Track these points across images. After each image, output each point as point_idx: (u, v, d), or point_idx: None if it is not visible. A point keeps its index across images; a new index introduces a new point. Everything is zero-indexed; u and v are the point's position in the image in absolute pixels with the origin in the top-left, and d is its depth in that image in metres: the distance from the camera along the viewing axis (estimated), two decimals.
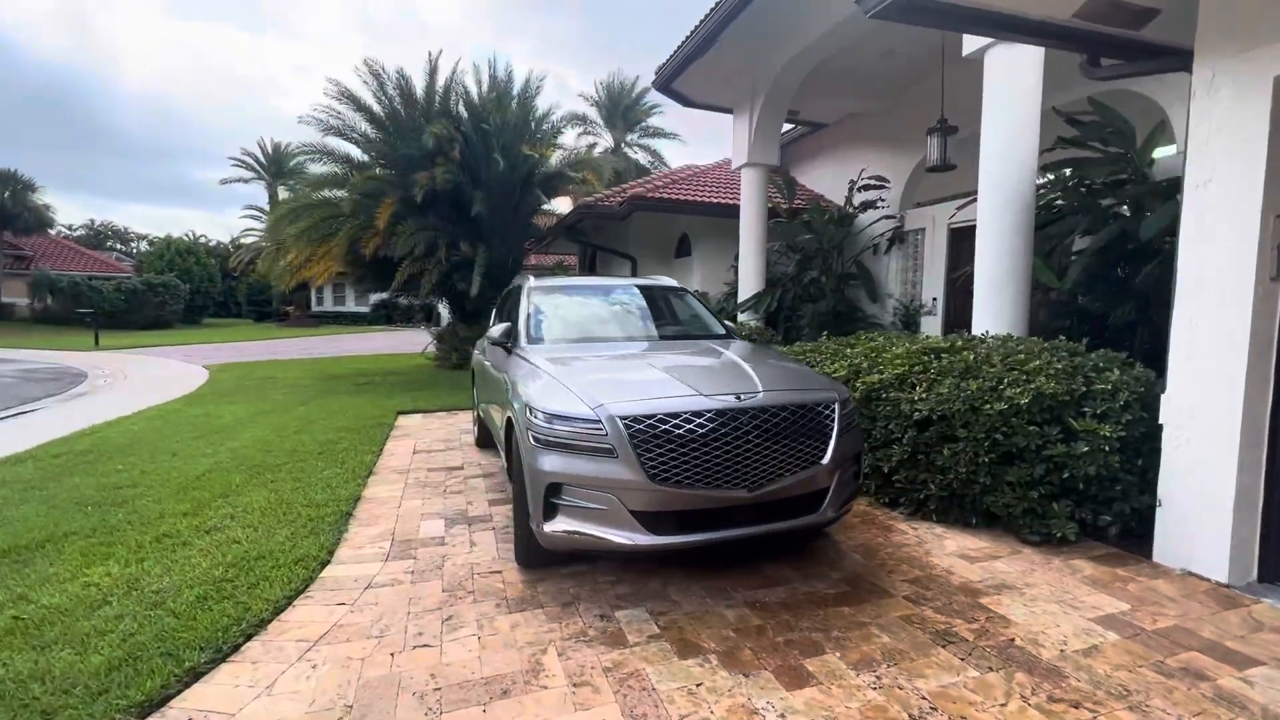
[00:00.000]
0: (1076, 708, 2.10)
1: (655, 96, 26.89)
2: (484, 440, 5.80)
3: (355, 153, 12.15)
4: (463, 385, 9.64)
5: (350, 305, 38.05)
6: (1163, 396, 3.21)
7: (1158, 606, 2.78)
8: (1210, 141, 2.99)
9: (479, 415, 5.84)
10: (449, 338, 12.83)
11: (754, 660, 2.40)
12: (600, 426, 2.73)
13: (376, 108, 11.61)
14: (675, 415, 2.75)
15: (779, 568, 3.25)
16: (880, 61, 8.56)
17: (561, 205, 14.75)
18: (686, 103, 9.49)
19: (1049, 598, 2.87)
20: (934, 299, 9.03)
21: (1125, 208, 5.24)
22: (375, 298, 38.31)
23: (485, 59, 12.86)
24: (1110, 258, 5.30)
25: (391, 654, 2.47)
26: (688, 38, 7.75)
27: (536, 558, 3.14)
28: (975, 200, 6.79)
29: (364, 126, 11.78)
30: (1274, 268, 2.84)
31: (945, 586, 3.00)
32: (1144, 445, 3.40)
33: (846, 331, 9.35)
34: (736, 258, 11.19)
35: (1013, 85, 4.87)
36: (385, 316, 37.10)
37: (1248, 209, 2.84)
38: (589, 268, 14.65)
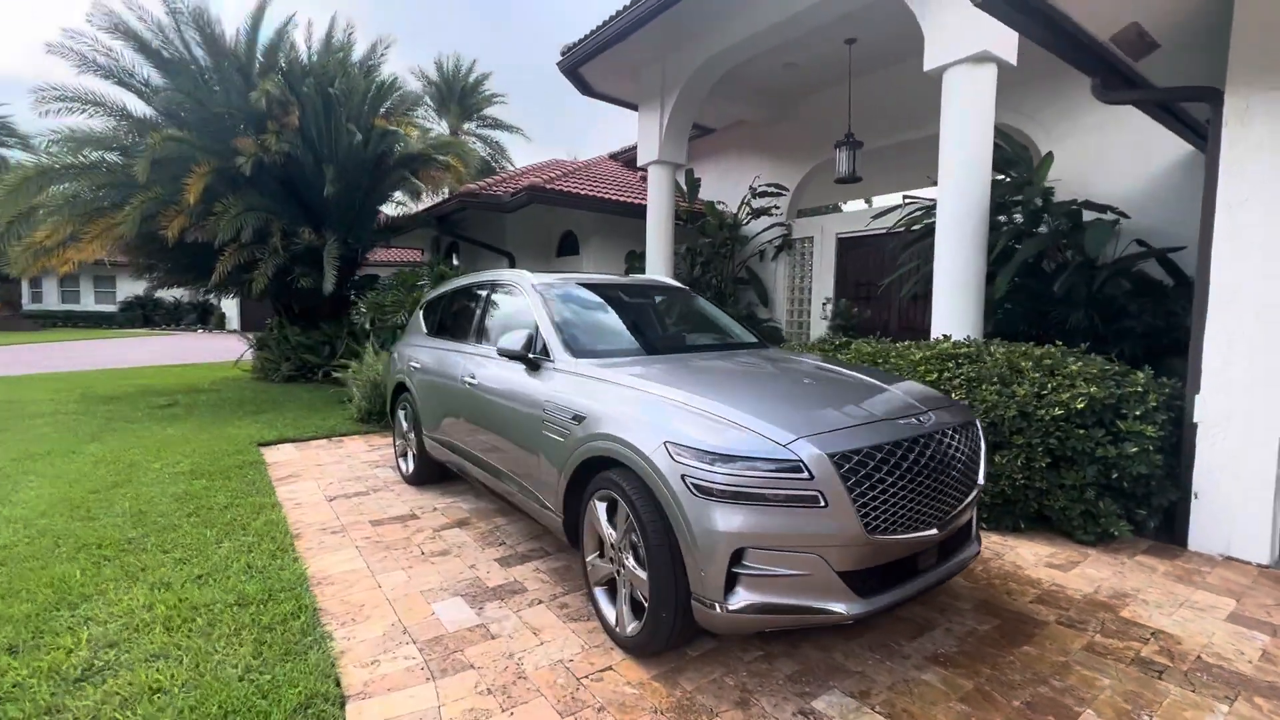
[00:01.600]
0: None
1: (495, 84, 25.41)
2: (424, 476, 4.60)
3: (138, 106, 9.33)
4: (320, 404, 7.84)
5: (89, 303, 29.72)
6: (1197, 398, 3.49)
7: (1252, 597, 2.96)
8: (1244, 163, 3.30)
9: (409, 444, 4.65)
10: (277, 344, 10.47)
11: None
12: (801, 468, 2.10)
13: (166, 54, 9.00)
14: (880, 448, 2.23)
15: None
16: (781, 72, 8.75)
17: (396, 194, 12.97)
18: (587, 90, 8.82)
19: (1168, 602, 2.91)
20: (825, 303, 9.54)
21: (1010, 225, 5.89)
22: (124, 295, 30.69)
23: (325, 14, 10.77)
24: (1029, 269, 5.91)
25: None
26: (611, 20, 7.15)
27: (678, 643, 2.38)
28: (891, 211, 7.25)
29: (150, 72, 9.10)
30: None
31: (1077, 604, 2.90)
32: (1169, 443, 3.69)
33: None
34: (628, 257, 10.80)
35: (972, 101, 5.13)
36: (142, 317, 29.90)
37: None
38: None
